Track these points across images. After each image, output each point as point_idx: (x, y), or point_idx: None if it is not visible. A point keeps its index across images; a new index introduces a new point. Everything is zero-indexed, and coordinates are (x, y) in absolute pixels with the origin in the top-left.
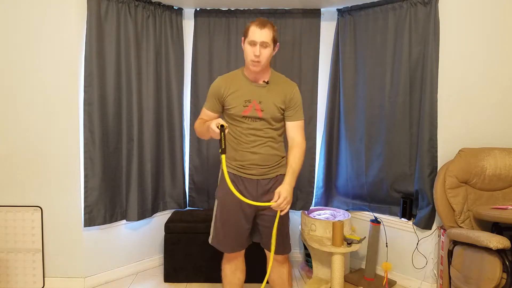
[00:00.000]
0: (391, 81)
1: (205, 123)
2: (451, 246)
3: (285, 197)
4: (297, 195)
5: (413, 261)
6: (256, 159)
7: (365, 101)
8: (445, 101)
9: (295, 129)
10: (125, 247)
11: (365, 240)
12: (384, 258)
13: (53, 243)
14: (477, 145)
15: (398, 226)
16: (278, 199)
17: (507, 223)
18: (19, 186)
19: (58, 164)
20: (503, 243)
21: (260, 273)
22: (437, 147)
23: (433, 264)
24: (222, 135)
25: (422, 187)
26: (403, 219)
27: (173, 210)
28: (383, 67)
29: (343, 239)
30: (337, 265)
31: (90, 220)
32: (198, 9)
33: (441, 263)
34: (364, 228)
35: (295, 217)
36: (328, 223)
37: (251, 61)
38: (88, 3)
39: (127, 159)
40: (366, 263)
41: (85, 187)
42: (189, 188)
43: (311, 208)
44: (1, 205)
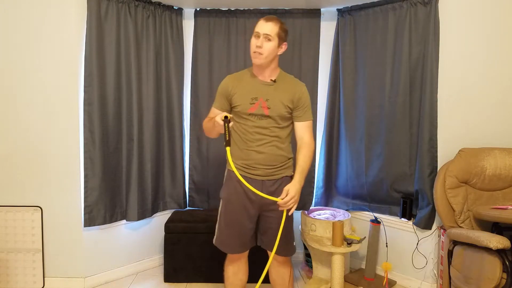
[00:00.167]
0: (391, 81)
1: (211, 119)
2: (451, 246)
3: (293, 195)
4: None
5: (413, 261)
6: (261, 159)
7: (365, 101)
8: (445, 101)
9: (304, 129)
10: (125, 247)
11: (365, 240)
12: (384, 258)
13: (53, 243)
14: (477, 145)
15: (398, 226)
16: (285, 196)
17: (507, 223)
18: (19, 186)
19: (58, 164)
20: (503, 243)
21: (261, 273)
22: (437, 147)
23: (433, 264)
24: (226, 126)
25: (422, 187)
26: (403, 219)
27: (173, 210)
28: (383, 67)
29: (343, 239)
30: (337, 265)
31: (90, 220)
32: (198, 9)
33: (441, 263)
34: (364, 228)
35: (295, 217)
36: (328, 223)
37: (253, 53)
38: (88, 3)
39: (127, 159)
40: (366, 263)
41: (85, 187)
42: (189, 188)
43: (311, 208)
44: (1, 205)
